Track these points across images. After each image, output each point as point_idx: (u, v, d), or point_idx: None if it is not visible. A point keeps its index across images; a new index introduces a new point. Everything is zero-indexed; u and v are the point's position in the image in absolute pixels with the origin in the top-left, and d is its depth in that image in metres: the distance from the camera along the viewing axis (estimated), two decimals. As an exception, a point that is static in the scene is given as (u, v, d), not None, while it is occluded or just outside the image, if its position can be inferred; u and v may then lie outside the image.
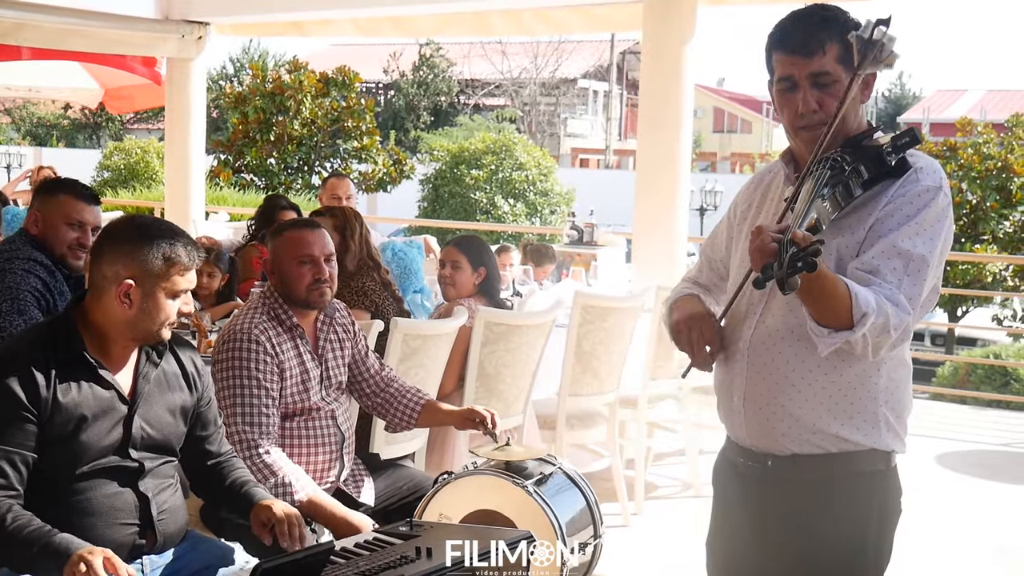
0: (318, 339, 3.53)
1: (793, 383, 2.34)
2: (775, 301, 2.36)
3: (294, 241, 3.45)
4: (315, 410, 3.45)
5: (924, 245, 2.23)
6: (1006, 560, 5.07)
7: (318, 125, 17.22)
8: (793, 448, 2.36)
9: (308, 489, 3.25)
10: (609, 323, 5.08)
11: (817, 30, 2.28)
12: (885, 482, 2.39)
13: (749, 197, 2.57)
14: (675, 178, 7.26)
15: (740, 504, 2.52)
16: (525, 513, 3.24)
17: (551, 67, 37.97)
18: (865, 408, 2.32)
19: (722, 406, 2.52)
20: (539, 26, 8.93)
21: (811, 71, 2.28)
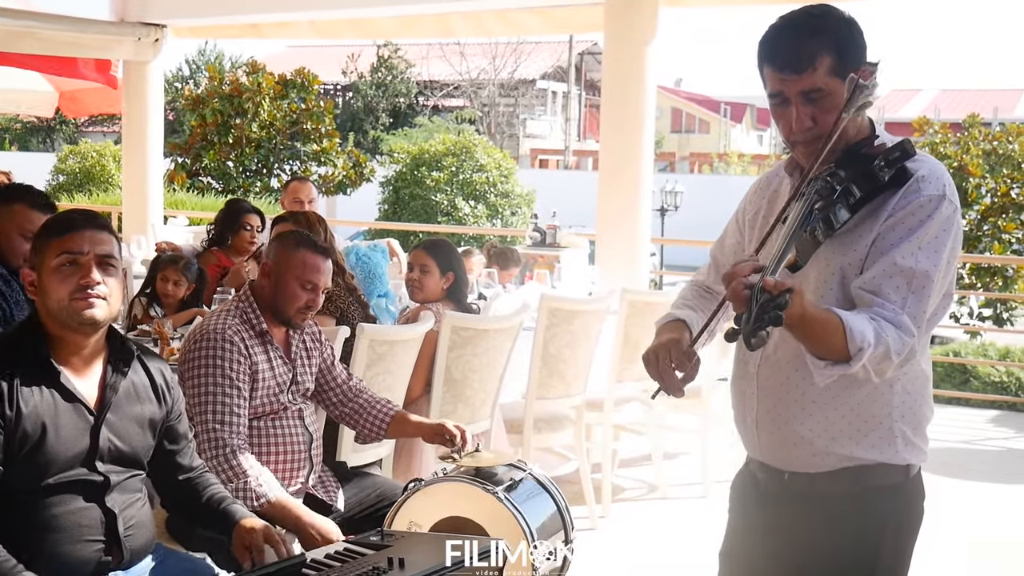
0: (290, 345, 3.52)
1: (803, 407, 2.31)
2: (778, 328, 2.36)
3: (307, 264, 3.45)
4: (285, 410, 3.44)
5: (927, 260, 2.15)
6: (983, 556, 5.10)
7: (276, 127, 17.08)
8: (808, 469, 2.34)
9: (273, 493, 3.21)
10: (575, 326, 5.06)
11: (807, 43, 2.19)
12: (903, 493, 2.35)
13: (757, 203, 2.52)
14: (637, 179, 7.28)
15: (757, 516, 2.51)
16: (496, 520, 3.22)
17: (510, 68, 37.98)
18: (880, 425, 2.28)
19: (738, 424, 2.51)
20: (500, 28, 8.95)
21: (802, 88, 2.20)
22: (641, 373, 5.66)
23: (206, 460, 3.16)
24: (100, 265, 2.55)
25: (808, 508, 2.37)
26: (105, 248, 2.57)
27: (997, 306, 13.25)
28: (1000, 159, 13.48)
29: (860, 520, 2.32)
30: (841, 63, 2.18)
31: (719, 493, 5.85)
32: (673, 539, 5.34)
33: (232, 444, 3.22)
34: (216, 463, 3.18)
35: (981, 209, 13.62)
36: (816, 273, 2.27)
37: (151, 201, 9.83)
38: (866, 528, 2.32)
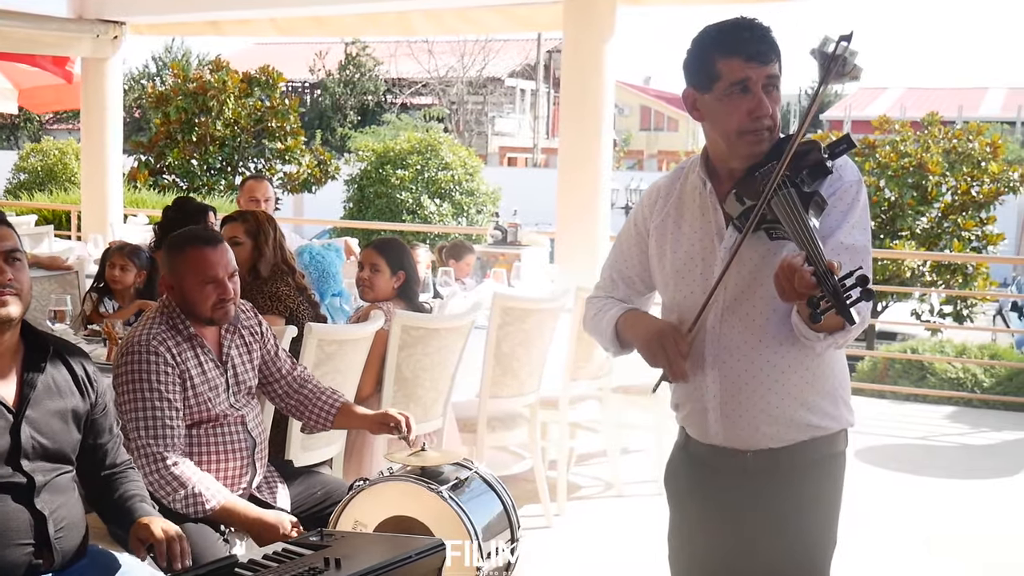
0: (222, 346, 3.45)
1: (768, 386, 2.44)
2: (732, 315, 2.45)
3: (197, 261, 3.34)
4: (223, 416, 3.38)
5: (862, 236, 2.38)
6: (939, 551, 5.15)
7: (241, 125, 17.00)
8: (770, 444, 2.48)
9: (220, 496, 3.20)
10: (528, 324, 5.07)
11: (769, 39, 2.39)
12: (845, 457, 2.56)
13: (661, 210, 2.58)
14: (596, 176, 7.30)
15: (710, 497, 2.59)
16: (441, 519, 3.22)
17: (478, 66, 37.92)
18: (828, 392, 2.48)
19: (691, 413, 2.56)
20: (461, 25, 8.94)
21: (768, 74, 2.37)
22: (596, 371, 5.71)
23: (145, 476, 3.13)
24: (7, 260, 2.53)
25: (770, 482, 2.49)
26: (9, 243, 2.55)
27: (957, 303, 13.37)
28: (960, 157, 13.61)
29: (818, 489, 2.51)
30: (781, 68, 2.41)
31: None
32: (628, 536, 5.35)
33: (169, 457, 3.19)
34: (157, 477, 3.16)
35: (942, 207, 13.74)
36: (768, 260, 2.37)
37: (111, 199, 9.76)
38: (825, 493, 2.52)
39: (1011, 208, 24.37)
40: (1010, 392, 8.63)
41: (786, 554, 2.52)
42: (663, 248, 2.56)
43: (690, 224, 2.52)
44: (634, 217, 2.67)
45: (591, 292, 2.81)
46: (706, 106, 2.43)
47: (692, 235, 2.51)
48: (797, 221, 2.22)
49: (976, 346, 9.72)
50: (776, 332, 2.41)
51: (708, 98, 2.42)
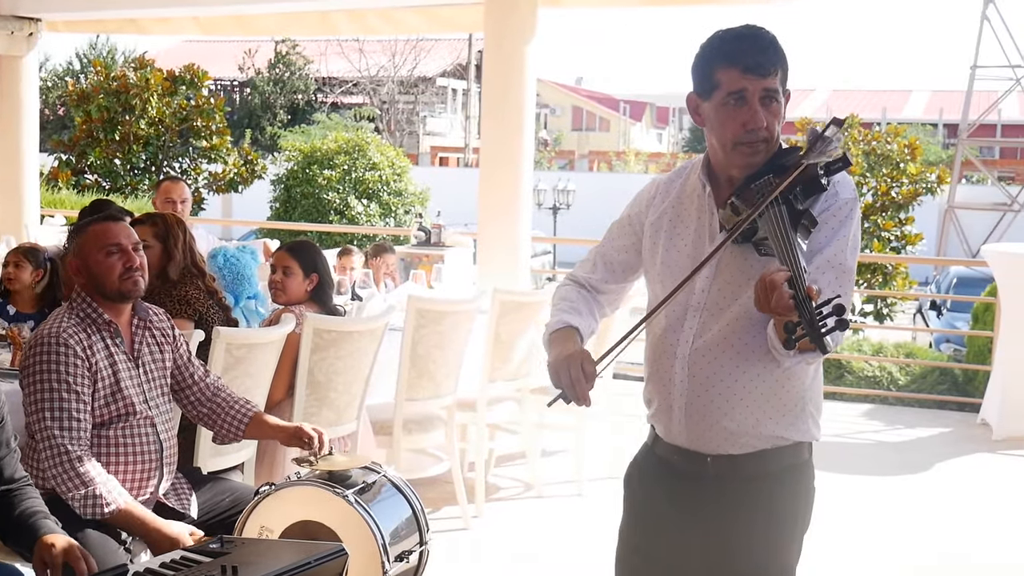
0: (133, 339, 3.42)
1: (735, 392, 2.46)
2: (710, 317, 2.47)
3: (98, 233, 3.36)
4: (132, 415, 3.33)
5: (851, 257, 2.39)
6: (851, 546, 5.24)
7: (166, 124, 16.77)
8: (731, 450, 2.49)
9: (120, 500, 3.16)
10: (444, 326, 5.06)
11: (769, 51, 2.39)
12: (809, 469, 2.58)
13: (658, 207, 2.61)
14: (518, 176, 7.31)
15: (672, 498, 2.61)
16: (347, 524, 3.21)
17: (409, 65, 37.81)
18: (795, 407, 2.49)
19: (658, 411, 2.59)
20: (384, 27, 8.92)
21: (765, 87, 2.38)
22: (514, 372, 5.73)
23: (49, 468, 3.10)
24: None
25: (730, 488, 2.51)
26: None
27: (878, 302, 13.61)
28: (879, 159, 13.85)
29: (779, 497, 2.52)
30: (784, 79, 2.42)
31: (594, 491, 5.92)
32: (546, 537, 5.38)
33: (75, 451, 3.15)
34: (60, 471, 3.12)
35: (862, 208, 13.98)
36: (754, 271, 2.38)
37: (27, 200, 9.58)
38: (787, 503, 2.54)
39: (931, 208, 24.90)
40: (924, 390, 8.82)
41: (745, 562, 2.53)
42: (656, 244, 2.59)
43: (686, 224, 2.55)
44: (630, 209, 2.71)
45: (572, 271, 2.83)
46: (706, 113, 2.46)
47: (687, 235, 2.54)
48: (784, 241, 2.24)
49: (893, 345, 9.91)
50: (750, 341, 2.43)
51: (708, 105, 2.45)
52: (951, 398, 8.57)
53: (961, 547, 5.37)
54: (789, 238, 2.24)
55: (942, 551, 5.32)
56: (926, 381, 8.94)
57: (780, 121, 2.43)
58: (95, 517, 3.14)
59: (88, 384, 3.24)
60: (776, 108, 2.41)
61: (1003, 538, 5.52)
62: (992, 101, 32.11)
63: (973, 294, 15.11)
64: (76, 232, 3.44)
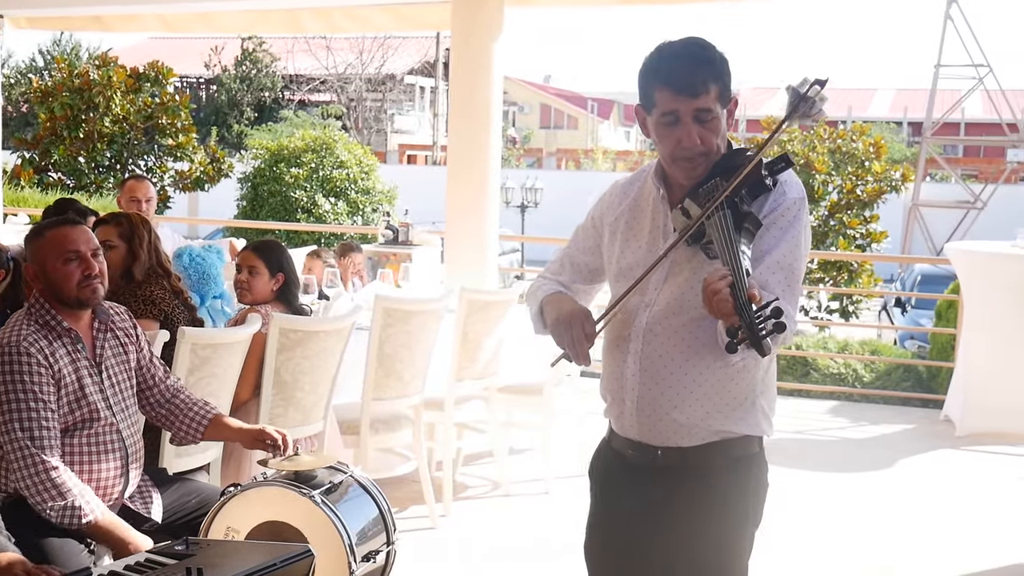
0: (95, 345, 3.37)
1: (684, 385, 2.52)
2: (660, 308, 2.53)
3: (56, 240, 3.28)
4: (96, 420, 3.29)
5: (800, 259, 2.45)
6: (816, 543, 5.28)
7: (130, 122, 16.65)
8: (682, 443, 2.55)
9: (98, 512, 3.14)
10: (411, 326, 5.06)
11: (701, 71, 2.43)
12: (760, 462, 2.62)
13: (616, 209, 2.68)
14: (485, 174, 7.32)
15: (628, 490, 2.66)
16: (313, 524, 3.20)
17: (377, 63, 37.72)
18: (745, 401, 2.54)
19: (612, 404, 2.66)
20: (350, 24, 8.89)
21: (696, 107, 2.43)
22: (481, 371, 5.73)
23: (23, 479, 3.08)
24: None
25: (681, 480, 2.57)
26: None
27: (844, 300, 13.72)
28: (844, 157, 13.97)
29: (727, 488, 2.57)
30: (723, 92, 2.46)
31: (561, 489, 5.93)
32: (514, 535, 5.39)
33: (50, 462, 3.11)
34: (35, 480, 3.09)
35: (828, 205, 14.09)
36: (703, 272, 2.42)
37: (-11, 198, 9.49)
38: (735, 496, 2.58)
39: (895, 206, 25.11)
40: (888, 387, 8.90)
41: (697, 552, 2.58)
42: (613, 246, 2.66)
43: (642, 226, 2.62)
44: (592, 211, 2.77)
45: (541, 272, 2.91)
46: (649, 126, 2.53)
47: (642, 236, 2.61)
48: (727, 246, 2.29)
49: (858, 342, 10.00)
50: (701, 335, 2.48)
51: (650, 119, 2.52)
52: (915, 395, 8.65)
53: (925, 543, 5.42)
54: (732, 243, 2.29)
55: (906, 547, 5.37)
56: (891, 378, 9.03)
57: (720, 133, 2.48)
58: (71, 527, 3.12)
59: (53, 391, 3.19)
60: (713, 124, 2.46)
61: (966, 533, 5.58)
62: (955, 100, 32.40)
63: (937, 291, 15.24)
64: (33, 236, 3.35)
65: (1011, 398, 7.32)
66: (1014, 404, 7.32)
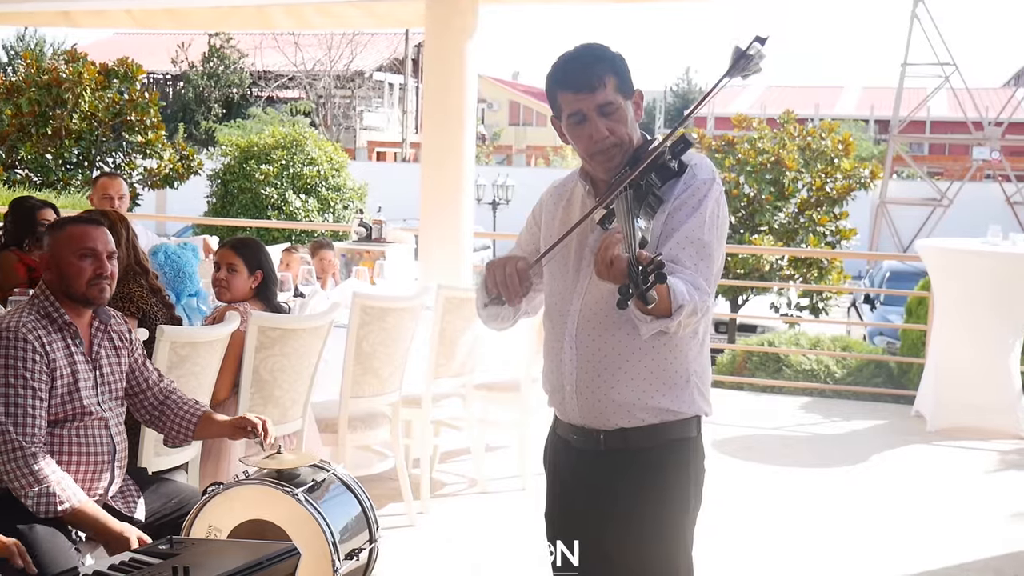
0: (92, 343, 3.40)
1: (619, 366, 2.58)
2: (592, 294, 2.61)
3: (76, 235, 3.35)
4: (87, 415, 3.30)
5: (710, 232, 2.52)
6: (791, 538, 5.31)
7: (99, 119, 16.50)
8: (622, 424, 2.60)
9: (75, 499, 3.13)
10: (389, 323, 5.05)
11: (594, 68, 2.55)
12: (697, 446, 2.68)
13: (552, 208, 2.79)
14: (460, 172, 7.30)
15: (575, 476, 2.73)
16: (296, 522, 3.20)
17: (345, 60, 37.59)
18: (680, 379, 2.60)
19: (553, 392, 2.73)
20: (322, 21, 8.84)
21: (598, 103, 2.54)
22: (458, 368, 5.72)
23: (1, 464, 3.06)
24: None
25: (624, 464, 2.63)
26: None
27: (813, 296, 13.81)
28: (814, 154, 14.05)
29: (668, 471, 2.64)
30: (622, 83, 2.57)
31: (538, 485, 5.92)
32: (492, 532, 5.39)
33: (29, 448, 3.11)
34: (13, 466, 3.10)
35: (798, 203, 14.18)
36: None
37: (-45, 196, 9.37)
38: (674, 478, 2.64)
39: (863, 204, 25.30)
40: (860, 382, 8.97)
41: (641, 534, 2.63)
42: (549, 240, 2.72)
43: (572, 220, 2.67)
44: (534, 210, 2.88)
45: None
46: (564, 131, 2.63)
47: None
48: (625, 217, 2.35)
49: (829, 338, 10.06)
50: (631, 317, 2.52)
51: (563, 127, 2.63)
52: (886, 390, 8.72)
53: (898, 538, 5.47)
54: (630, 214, 2.35)
55: (879, 542, 5.41)
56: (862, 374, 9.10)
57: (627, 122, 2.57)
58: (47, 515, 3.11)
59: (45, 380, 3.21)
60: (619, 115, 2.56)
61: (939, 528, 5.63)
62: (921, 98, 32.71)
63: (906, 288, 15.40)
64: (55, 227, 3.42)
65: (982, 394, 7.40)
66: (985, 400, 7.40)
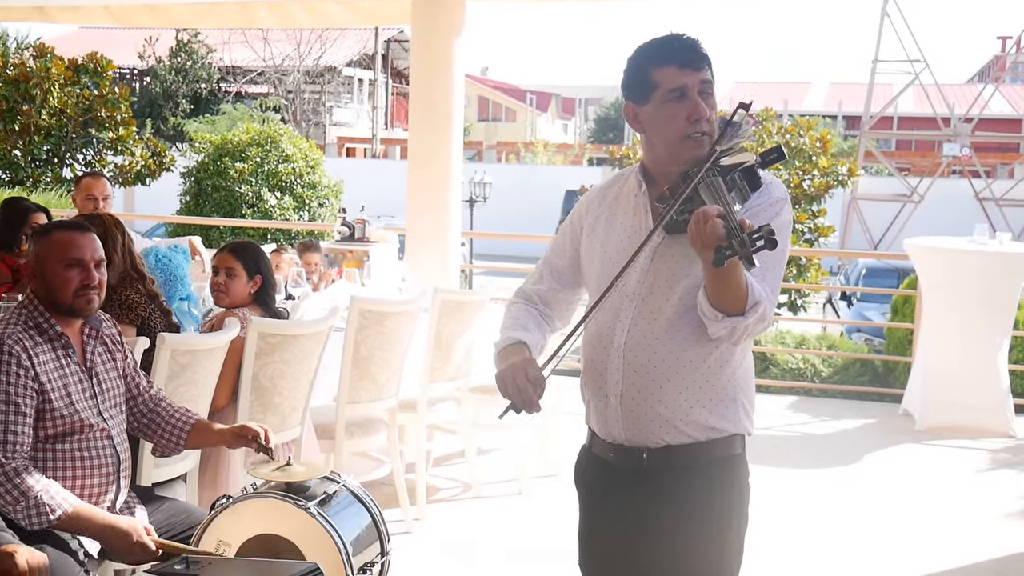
0: (85, 351, 3.27)
1: (668, 379, 2.52)
2: (645, 306, 2.54)
3: (62, 243, 3.20)
4: (88, 427, 3.18)
5: (781, 242, 2.42)
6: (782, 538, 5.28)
7: (68, 115, 16.26)
8: (667, 439, 2.55)
9: (66, 504, 3.01)
10: (386, 328, 4.97)
11: (700, 47, 2.54)
12: (743, 462, 2.65)
13: (596, 211, 2.71)
14: (447, 171, 7.25)
15: (613, 496, 2.66)
16: (308, 536, 3.11)
17: (315, 55, 37.35)
18: (727, 396, 2.56)
19: (595, 403, 2.65)
20: (305, 18, 8.75)
21: (702, 79, 2.51)
22: (454, 372, 5.65)
23: None
24: None
25: (663, 482, 2.57)
26: None
27: (792, 294, 13.83)
28: (792, 152, 14.05)
29: (714, 489, 2.58)
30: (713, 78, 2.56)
31: (534, 489, 5.88)
32: (489, 538, 5.33)
33: (10, 464, 2.99)
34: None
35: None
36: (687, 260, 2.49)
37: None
38: (720, 496, 2.60)
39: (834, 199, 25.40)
40: (846, 381, 8.97)
41: (679, 554, 2.58)
42: (593, 245, 2.67)
43: (622, 222, 2.64)
44: (571, 215, 2.81)
45: (520, 286, 2.89)
46: (647, 117, 2.56)
47: (623, 233, 2.62)
48: (718, 195, 2.34)
49: (814, 336, 10.06)
50: (683, 328, 2.51)
51: (648, 109, 2.55)
52: (873, 389, 8.72)
53: (890, 538, 5.46)
54: (724, 194, 2.34)
55: (872, 542, 5.39)
56: (848, 372, 9.10)
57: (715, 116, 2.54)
58: (42, 526, 3.00)
59: (30, 395, 3.08)
60: (712, 102, 2.54)
61: (931, 528, 5.63)
62: (889, 94, 32.91)
63: (882, 285, 15.46)
64: (41, 234, 3.27)
65: (971, 392, 7.42)
66: (974, 398, 7.41)
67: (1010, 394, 7.52)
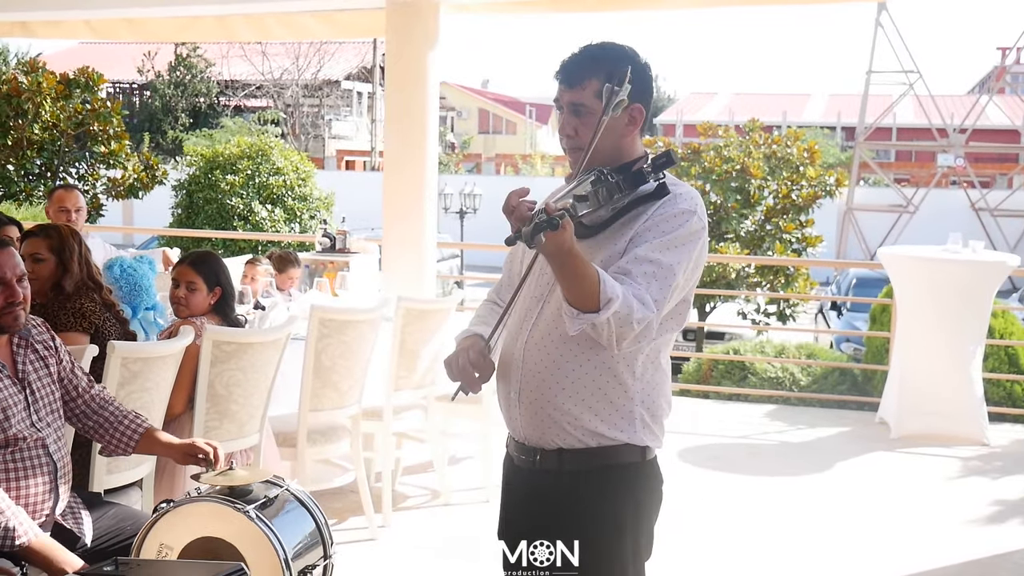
0: (16, 363, 3.27)
1: (558, 381, 2.55)
2: (546, 309, 2.59)
3: None
4: (20, 439, 3.19)
5: (673, 256, 2.45)
6: (756, 547, 5.31)
7: (61, 129, 16.33)
8: (559, 443, 2.57)
9: (31, 533, 3.04)
10: (348, 336, 5.01)
11: (585, 66, 2.54)
12: (642, 473, 2.62)
13: None
14: (421, 181, 7.28)
15: (519, 495, 2.73)
16: (248, 539, 3.14)
17: (313, 68, 37.50)
18: (622, 407, 2.55)
19: (502, 405, 2.72)
20: (282, 31, 8.79)
21: (571, 100, 2.55)
22: (419, 381, 5.69)
23: None
24: None
25: (558, 484, 2.60)
26: None
27: (780, 303, 13.86)
28: (780, 162, 14.10)
29: (603, 496, 2.58)
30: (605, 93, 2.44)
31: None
32: (455, 545, 5.35)
33: None
34: None
35: (764, 210, 14.23)
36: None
37: (-88, 208, 9.25)
38: (609, 504, 2.59)
39: (830, 211, 25.45)
40: (825, 390, 8.99)
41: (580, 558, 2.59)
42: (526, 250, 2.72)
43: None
44: None
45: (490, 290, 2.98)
46: None
47: None
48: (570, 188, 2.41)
49: (795, 346, 10.09)
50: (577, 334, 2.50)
51: None
52: (851, 398, 8.74)
53: (862, 545, 5.47)
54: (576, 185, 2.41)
55: (844, 549, 5.41)
56: (827, 381, 9.12)
57: (593, 130, 2.44)
58: (4, 549, 3.02)
59: None
60: (589, 119, 2.51)
61: (902, 535, 5.64)
62: (886, 105, 32.94)
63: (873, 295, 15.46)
64: None
65: (944, 400, 7.43)
66: (947, 406, 7.43)
67: (984, 402, 7.53)
